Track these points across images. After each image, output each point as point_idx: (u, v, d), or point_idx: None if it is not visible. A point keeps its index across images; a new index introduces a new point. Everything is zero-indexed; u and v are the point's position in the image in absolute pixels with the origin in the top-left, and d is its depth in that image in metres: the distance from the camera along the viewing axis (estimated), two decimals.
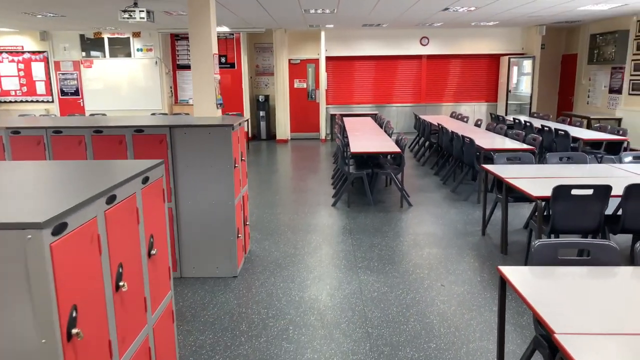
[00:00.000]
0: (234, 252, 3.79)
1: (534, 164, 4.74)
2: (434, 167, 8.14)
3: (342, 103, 12.32)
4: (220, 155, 3.64)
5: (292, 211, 5.67)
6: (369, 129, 7.84)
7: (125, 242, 1.80)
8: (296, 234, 4.84)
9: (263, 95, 11.94)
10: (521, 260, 4.08)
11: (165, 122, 3.71)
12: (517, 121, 8.53)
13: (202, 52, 4.10)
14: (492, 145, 5.96)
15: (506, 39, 11.77)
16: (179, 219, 3.74)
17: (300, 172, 7.99)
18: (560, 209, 3.45)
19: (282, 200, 6.20)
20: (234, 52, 11.75)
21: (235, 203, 3.75)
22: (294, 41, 11.91)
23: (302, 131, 12.34)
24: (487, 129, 7.84)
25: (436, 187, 6.77)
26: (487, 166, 4.49)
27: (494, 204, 4.94)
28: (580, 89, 11.25)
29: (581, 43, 11.12)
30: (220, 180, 3.68)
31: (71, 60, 11.51)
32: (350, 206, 5.84)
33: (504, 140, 6.40)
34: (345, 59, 12.05)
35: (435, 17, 9.49)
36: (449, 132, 7.12)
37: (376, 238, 4.69)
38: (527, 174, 4.19)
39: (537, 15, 9.21)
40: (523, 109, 11.80)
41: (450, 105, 12.21)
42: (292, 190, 6.71)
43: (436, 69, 12.10)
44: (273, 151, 10.39)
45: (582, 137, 6.65)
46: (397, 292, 3.52)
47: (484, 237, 4.71)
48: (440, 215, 5.45)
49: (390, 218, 5.36)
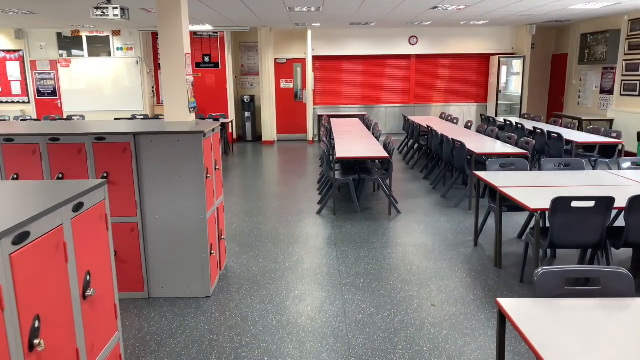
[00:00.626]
0: (206, 271, 3.48)
1: (528, 170, 4.49)
2: (424, 171, 7.88)
3: (330, 104, 12.03)
4: (190, 165, 3.32)
5: (274, 220, 5.36)
6: (356, 132, 7.56)
7: (44, 287, 1.49)
8: (277, 246, 4.53)
9: (248, 96, 11.61)
10: (517, 275, 3.81)
11: (129, 129, 3.38)
12: (508, 123, 8.30)
13: (173, 51, 3.78)
14: (483, 150, 5.71)
15: (496, 39, 11.56)
16: (145, 235, 3.42)
17: (285, 177, 7.69)
18: (560, 222, 3.19)
19: (264, 207, 5.89)
20: (218, 51, 11.39)
21: (207, 217, 3.44)
22: (280, 40, 11.59)
23: (289, 132, 12.03)
24: (477, 130, 7.60)
25: (426, 192, 6.51)
26: (480, 173, 4.23)
27: (487, 213, 4.68)
28: (571, 89, 11.07)
29: (571, 43, 10.95)
30: (191, 192, 3.36)
31: (48, 60, 11.07)
32: (336, 214, 5.55)
33: (495, 144, 6.15)
34: (332, 58, 11.76)
35: (424, 16, 9.23)
36: (439, 135, 6.86)
37: (363, 250, 4.41)
38: (522, 182, 3.93)
39: (527, 14, 8.99)
40: (513, 109, 11.60)
41: (439, 106, 11.98)
42: (275, 197, 6.40)
43: (425, 68, 11.86)
44: (258, 153, 10.07)
45: (575, 140, 6.42)
46: (384, 313, 3.24)
47: (477, 248, 4.45)
48: (430, 223, 5.18)
49: (377, 227, 5.07)
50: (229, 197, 6.36)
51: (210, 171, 3.53)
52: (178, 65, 3.81)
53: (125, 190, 3.33)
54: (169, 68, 3.82)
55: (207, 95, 11.60)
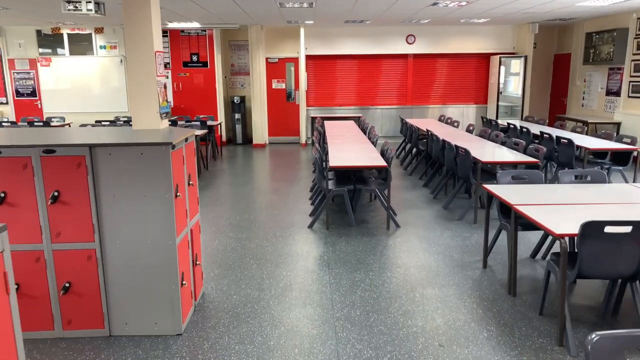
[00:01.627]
0: (176, 304, 2.98)
1: (543, 183, 4.02)
2: (423, 177, 7.41)
3: (324, 105, 11.54)
4: (157, 182, 2.83)
5: (261, 235, 4.87)
6: (352, 136, 7.08)
7: None
8: (263, 268, 4.04)
9: (239, 97, 11.10)
10: (534, 305, 3.34)
11: (84, 140, 2.88)
12: (512, 126, 7.85)
13: (141, 48, 3.28)
14: (490, 157, 5.24)
15: (497, 38, 11.12)
16: (105, 263, 2.91)
17: (276, 183, 7.19)
18: (590, 250, 2.72)
19: (251, 220, 5.39)
20: (206, 49, 10.88)
21: (177, 242, 2.94)
22: (272, 38, 11.09)
23: (281, 135, 11.54)
24: (480, 135, 7.14)
25: (426, 202, 6.03)
26: (491, 187, 3.76)
27: (498, 231, 4.20)
28: (574, 90, 10.65)
29: (575, 42, 10.52)
30: (157, 213, 2.86)
31: (27, 58, 10.51)
32: (329, 228, 5.06)
33: (502, 151, 5.68)
34: (326, 57, 11.27)
35: (423, 13, 8.77)
36: (440, 140, 6.39)
37: (359, 273, 3.92)
38: (539, 198, 3.47)
39: (531, 12, 8.55)
40: (514, 111, 11.17)
41: (437, 108, 11.52)
42: (264, 207, 5.90)
43: (423, 68, 11.39)
44: (248, 157, 9.57)
45: (587, 146, 5.97)
46: (384, 357, 2.75)
47: (486, 270, 3.98)
48: (432, 240, 4.70)
49: (375, 244, 4.59)
50: (213, 208, 5.86)
51: (182, 188, 3.04)
52: (147, 65, 3.32)
53: (80, 211, 2.83)
54: (136, 68, 3.32)
55: (196, 96, 11.09)
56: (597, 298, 3.46)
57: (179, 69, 10.97)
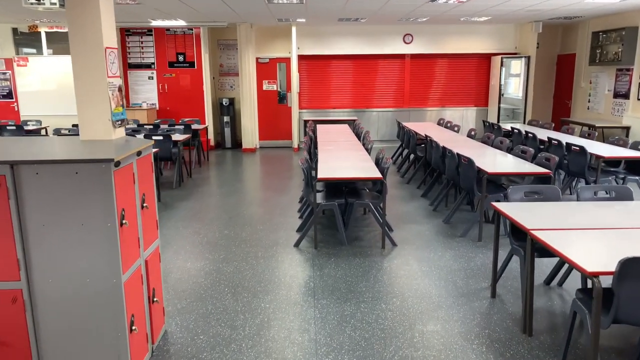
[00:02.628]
0: (124, 354, 2.45)
1: (560, 200, 3.51)
2: (421, 186, 6.89)
3: (317, 107, 11.01)
4: (96, 208, 2.29)
5: (241, 256, 4.34)
6: (345, 142, 6.55)
7: None
8: (238, 299, 3.51)
9: (227, 99, 10.56)
10: (555, 350, 2.82)
11: (6, 155, 2.34)
12: (516, 131, 7.34)
13: (87, 43, 2.76)
14: (496, 167, 4.72)
15: (498, 37, 10.62)
16: (35, 306, 2.38)
17: (263, 193, 6.66)
18: (631, 293, 2.21)
19: (232, 237, 4.86)
20: (193, 49, 10.35)
21: (124, 279, 2.41)
22: (262, 37, 10.56)
23: (272, 139, 11.01)
24: (482, 141, 6.63)
25: (425, 215, 5.51)
26: (501, 206, 3.24)
27: (509, 256, 3.67)
28: (579, 92, 10.16)
29: (580, 42, 10.03)
30: (97, 246, 2.33)
31: (2, 58, 9.94)
32: (317, 247, 4.53)
33: (508, 160, 5.17)
34: (320, 58, 10.74)
35: (421, 11, 8.26)
36: (440, 147, 5.87)
37: (349, 305, 3.39)
38: (559, 220, 2.95)
39: (536, 9, 8.05)
40: (516, 114, 10.67)
41: (436, 110, 11.02)
42: (248, 221, 5.37)
43: (421, 69, 10.88)
44: (237, 163, 9.03)
45: (600, 154, 5.46)
46: None
47: (495, 301, 3.46)
48: (433, 261, 4.18)
49: (368, 267, 4.06)
50: (190, 223, 5.32)
51: (131, 213, 2.50)
52: (95, 63, 2.79)
53: (1, 244, 2.29)
54: (82, 67, 2.80)
55: (182, 98, 10.55)
56: (630, 338, 2.95)
57: (164, 69, 10.43)
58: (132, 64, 10.44)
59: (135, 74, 10.47)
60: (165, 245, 4.59)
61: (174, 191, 6.80)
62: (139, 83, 10.51)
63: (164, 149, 6.90)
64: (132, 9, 7.85)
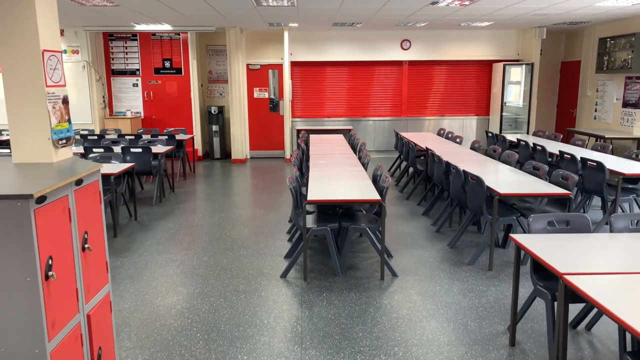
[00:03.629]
0: None
1: (591, 231, 2.99)
2: (422, 203, 6.38)
3: (311, 116, 10.51)
4: (10, 258, 1.75)
5: (219, 290, 3.79)
6: (339, 155, 6.04)
7: None
8: (211, 348, 2.96)
9: (216, 107, 10.03)
10: None
11: None
12: (523, 143, 6.85)
13: (19, 45, 2.22)
14: (508, 187, 4.21)
15: (500, 43, 10.17)
16: None
17: (250, 211, 6.12)
18: None
19: (211, 266, 4.31)
20: (180, 55, 9.83)
21: (52, 348, 1.86)
22: (253, 43, 10.06)
23: (263, 149, 10.48)
24: (488, 154, 6.13)
25: (428, 237, 4.99)
26: (524, 240, 2.72)
27: (531, 298, 3.13)
28: (585, 101, 9.70)
29: (586, 48, 9.58)
30: (13, 307, 1.79)
31: None
32: (307, 278, 4.00)
33: (520, 178, 4.66)
34: (314, 64, 10.25)
35: (419, 15, 7.79)
36: (442, 162, 5.37)
37: (342, 357, 2.85)
38: (596, 259, 2.44)
39: (542, 13, 7.59)
40: (518, 124, 10.21)
41: (435, 119, 10.53)
42: (230, 246, 4.83)
43: (419, 77, 10.41)
44: (225, 176, 8.49)
45: (621, 171, 4.96)
46: None
47: (515, 350, 2.93)
48: (438, 297, 3.65)
49: (365, 304, 3.53)
50: (166, 247, 4.77)
51: (63, 261, 1.96)
52: (30, 69, 2.26)
53: None
54: (12, 73, 2.27)
55: (168, 106, 10.02)
56: None
57: (149, 76, 9.90)
58: (116, 71, 9.91)
59: (119, 80, 9.93)
60: (134, 277, 4.04)
61: (153, 208, 6.25)
62: (123, 90, 9.98)
63: (143, 162, 6.36)
64: (113, 12, 7.33)
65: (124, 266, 4.25)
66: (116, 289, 3.79)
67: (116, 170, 5.20)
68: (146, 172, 6.48)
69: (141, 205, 6.37)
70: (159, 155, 6.53)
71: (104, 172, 5.01)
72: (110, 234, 5.15)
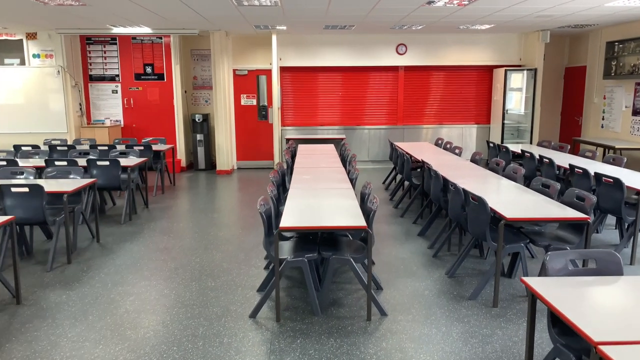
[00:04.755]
0: None
1: (622, 273, 2.41)
2: (418, 221, 5.80)
3: (302, 124, 9.94)
4: None
5: (172, 336, 3.19)
6: (326, 168, 5.46)
7: None
8: None
9: (201, 115, 9.47)
10: None
11: None
12: (528, 155, 6.28)
13: None
14: (516, 209, 3.63)
15: (500, 48, 9.63)
16: None
17: (228, 231, 5.53)
18: None
19: (169, 303, 3.72)
20: (162, 60, 9.28)
21: None
22: (240, 47, 9.51)
23: (251, 159, 9.92)
24: (491, 168, 5.55)
25: (423, 264, 4.40)
26: (541, 287, 2.14)
27: (551, 358, 2.53)
28: (592, 109, 9.15)
29: (591, 53, 9.05)
30: None
31: None
32: (280, 319, 3.40)
33: (528, 197, 4.08)
34: (304, 70, 9.70)
35: (415, 17, 7.24)
36: (440, 178, 4.79)
37: None
38: (634, 320, 1.85)
39: (546, 15, 7.05)
40: (520, 133, 9.65)
41: (432, 128, 9.97)
42: (197, 275, 4.23)
43: (416, 83, 9.86)
44: (208, 189, 7.91)
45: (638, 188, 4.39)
46: None
47: None
48: (435, 344, 3.05)
49: (346, 355, 2.93)
50: (122, 278, 4.17)
51: None
52: None
53: None
54: None
55: (150, 114, 9.46)
56: None
57: (129, 82, 9.34)
58: (94, 76, 9.35)
59: (97, 87, 9.37)
60: (77, 316, 3.43)
61: (121, 228, 5.65)
62: (101, 97, 9.41)
63: (111, 176, 5.78)
64: (83, 13, 6.77)
65: (70, 302, 3.65)
66: (52, 333, 3.19)
67: (75, 186, 4.61)
68: (114, 187, 5.89)
69: (108, 224, 5.78)
70: (128, 168, 5.94)
71: (55, 190, 4.42)
72: (63, 260, 4.55)
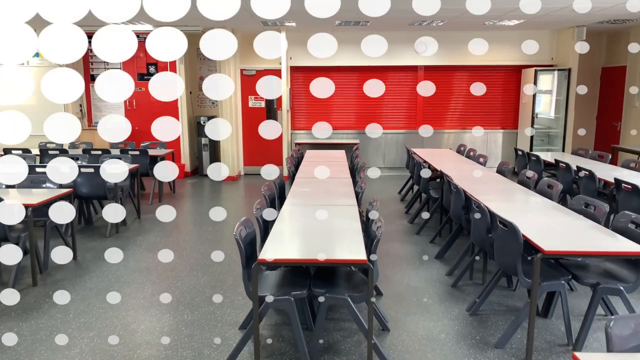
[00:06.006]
0: None
1: None
2: (436, 240, 5.11)
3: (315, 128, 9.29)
4: None
5: None
6: (330, 180, 4.82)
7: None
8: None
9: (206, 117, 8.94)
10: None
11: None
12: (563, 165, 5.52)
13: None
14: (555, 239, 2.92)
15: (530, 46, 8.81)
16: None
17: (221, 246, 4.94)
18: None
19: (131, 344, 3.13)
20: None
21: None
22: (248, 46, 8.95)
23: (259, 164, 9.34)
24: (521, 181, 4.82)
25: (440, 296, 3.72)
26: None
27: None
28: (632, 113, 8.29)
29: (633, 52, 8.18)
30: None
31: None
32: None
33: (569, 222, 3.36)
34: (316, 69, 9.09)
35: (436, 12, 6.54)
36: (462, 194, 4.10)
37: None
38: None
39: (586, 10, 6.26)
40: (551, 139, 8.83)
41: (454, 133, 9.23)
42: (174, 306, 3.64)
43: (437, 84, 9.12)
44: (210, 197, 7.35)
45: None
46: None
47: None
48: None
49: None
50: (90, 304, 3.61)
51: None
52: None
53: None
54: None
55: (153, 116, 8.92)
56: None
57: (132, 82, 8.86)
58: (96, 76, 8.91)
59: None
60: (22, 358, 2.87)
61: (105, 241, 5.12)
62: (102, 98, 8.96)
63: (95, 185, 5.26)
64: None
65: (19, 337, 3.10)
66: None
67: (49, 196, 4.09)
68: (100, 197, 5.37)
69: (92, 238, 5.25)
70: (114, 175, 5.41)
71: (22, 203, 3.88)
72: (28, 282, 4.02)
